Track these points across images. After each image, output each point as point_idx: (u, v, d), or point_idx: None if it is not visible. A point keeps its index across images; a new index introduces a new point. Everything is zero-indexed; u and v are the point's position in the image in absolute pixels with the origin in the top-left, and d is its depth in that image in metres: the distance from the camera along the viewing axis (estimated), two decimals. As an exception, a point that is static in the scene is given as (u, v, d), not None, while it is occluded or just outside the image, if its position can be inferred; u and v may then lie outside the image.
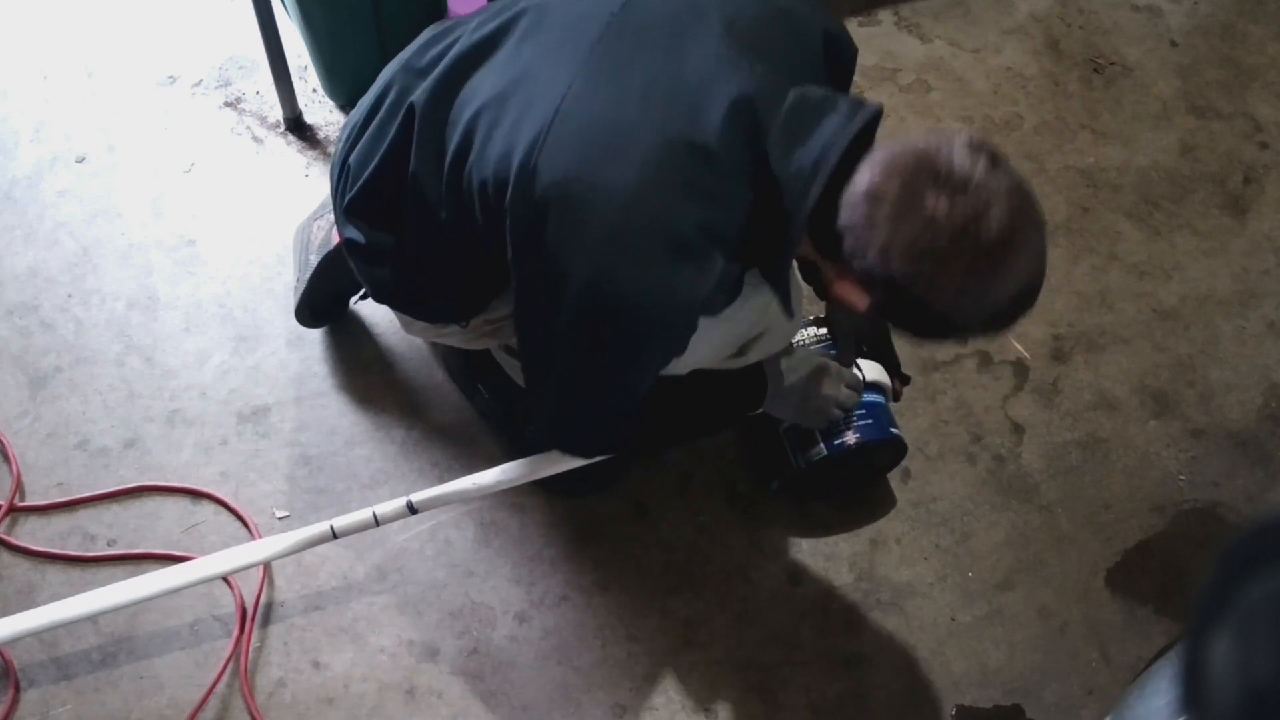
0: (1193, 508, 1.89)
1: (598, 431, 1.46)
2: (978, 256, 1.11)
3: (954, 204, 1.10)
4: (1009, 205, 1.12)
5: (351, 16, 1.89)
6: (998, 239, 1.11)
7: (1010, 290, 1.15)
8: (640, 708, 1.66)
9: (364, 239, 1.51)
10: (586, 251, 1.23)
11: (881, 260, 1.13)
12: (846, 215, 1.16)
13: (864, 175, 1.15)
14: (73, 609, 1.56)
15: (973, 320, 1.19)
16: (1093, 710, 1.71)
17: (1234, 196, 2.25)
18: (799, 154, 1.21)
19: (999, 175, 1.13)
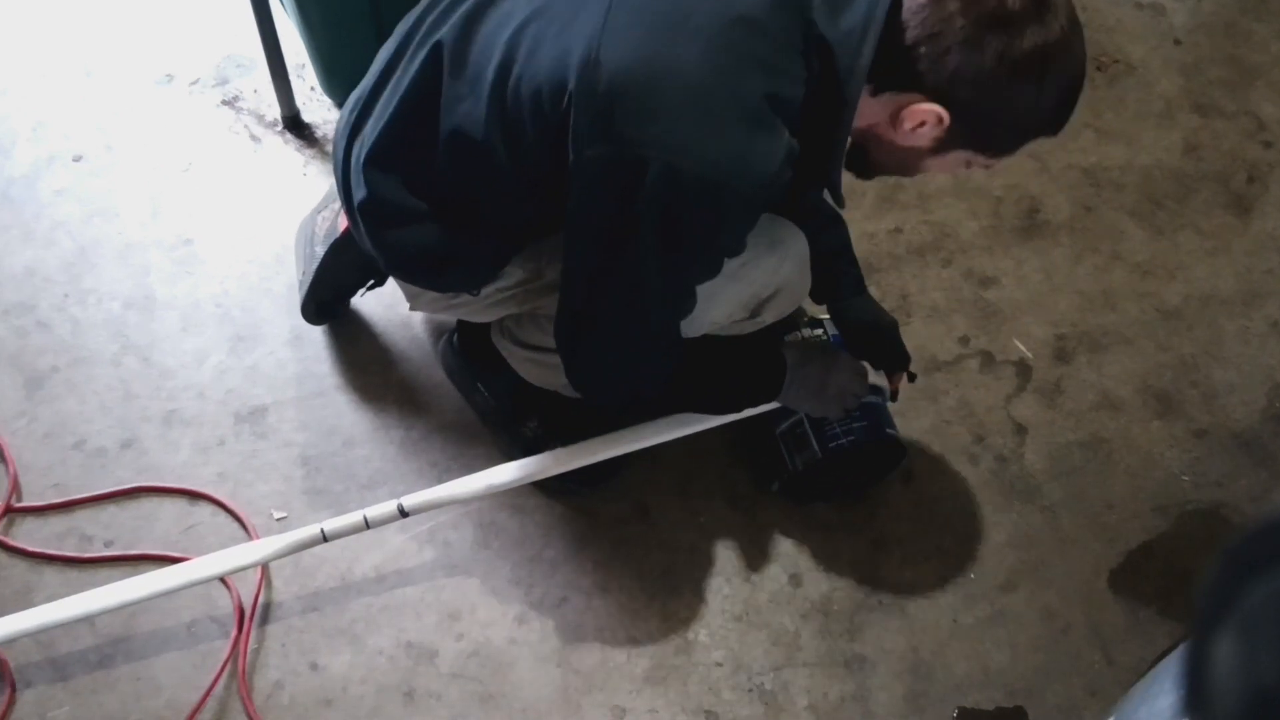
0: (1196, 508, 1.89)
1: (639, 362, 1.44)
2: (1063, 29, 1.20)
3: None
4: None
5: (349, 14, 1.89)
6: (1067, 15, 1.20)
7: (1078, 72, 1.25)
8: (640, 710, 1.65)
9: (384, 194, 1.46)
10: (662, 133, 1.23)
11: (965, 50, 1.20)
12: (915, 30, 1.22)
13: None
14: (65, 610, 1.56)
15: (1051, 105, 1.26)
16: (1095, 711, 1.70)
17: (1237, 195, 2.24)
18: (846, 15, 1.24)
19: None
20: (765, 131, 1.25)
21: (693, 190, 1.25)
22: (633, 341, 1.40)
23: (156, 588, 1.57)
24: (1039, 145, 2.20)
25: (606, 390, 1.49)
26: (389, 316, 1.94)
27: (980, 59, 1.20)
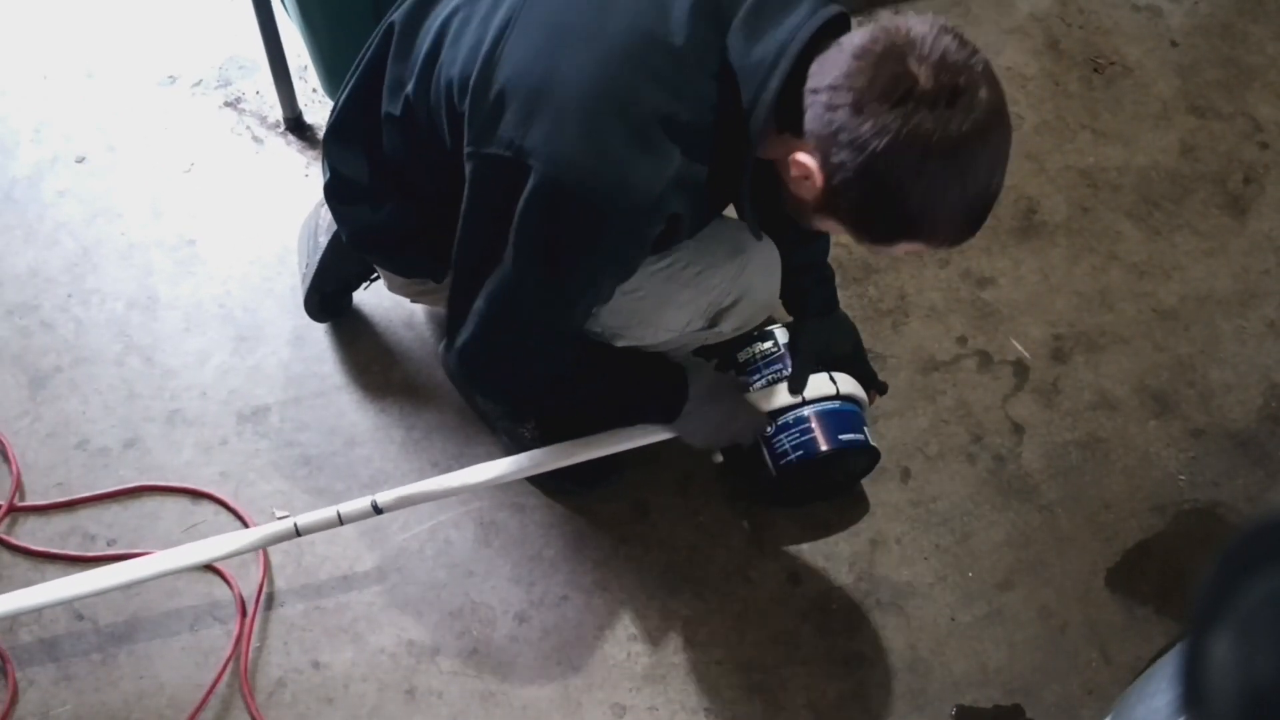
0: (1193, 508, 1.89)
1: (507, 365, 1.42)
2: (948, 130, 1.09)
3: (938, 75, 1.09)
4: (989, 94, 1.11)
5: (351, 16, 1.89)
6: (974, 120, 1.10)
7: (971, 182, 1.14)
8: (640, 708, 1.66)
9: (344, 171, 1.49)
10: (543, 141, 1.21)
11: (850, 115, 1.12)
12: (821, 76, 1.15)
13: (851, 39, 1.15)
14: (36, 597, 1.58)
15: (926, 206, 1.15)
16: (1093, 710, 1.71)
17: (1234, 196, 2.24)
18: (760, 46, 1.20)
19: (983, 65, 1.12)
20: (652, 155, 1.22)
21: (568, 204, 1.23)
22: (505, 342, 1.38)
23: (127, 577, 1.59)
24: (1036, 145, 2.25)
25: (481, 384, 1.48)
26: (391, 316, 1.95)
27: (863, 126, 1.11)
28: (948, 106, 1.09)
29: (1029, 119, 2.31)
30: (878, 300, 2.03)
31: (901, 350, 1.99)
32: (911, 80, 1.09)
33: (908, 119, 1.09)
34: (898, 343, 2.00)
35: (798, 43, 1.18)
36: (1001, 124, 1.14)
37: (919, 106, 1.09)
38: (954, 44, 1.11)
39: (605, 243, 1.28)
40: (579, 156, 1.21)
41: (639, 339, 1.51)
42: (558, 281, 1.31)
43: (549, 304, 1.33)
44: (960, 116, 1.09)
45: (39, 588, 1.59)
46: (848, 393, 1.68)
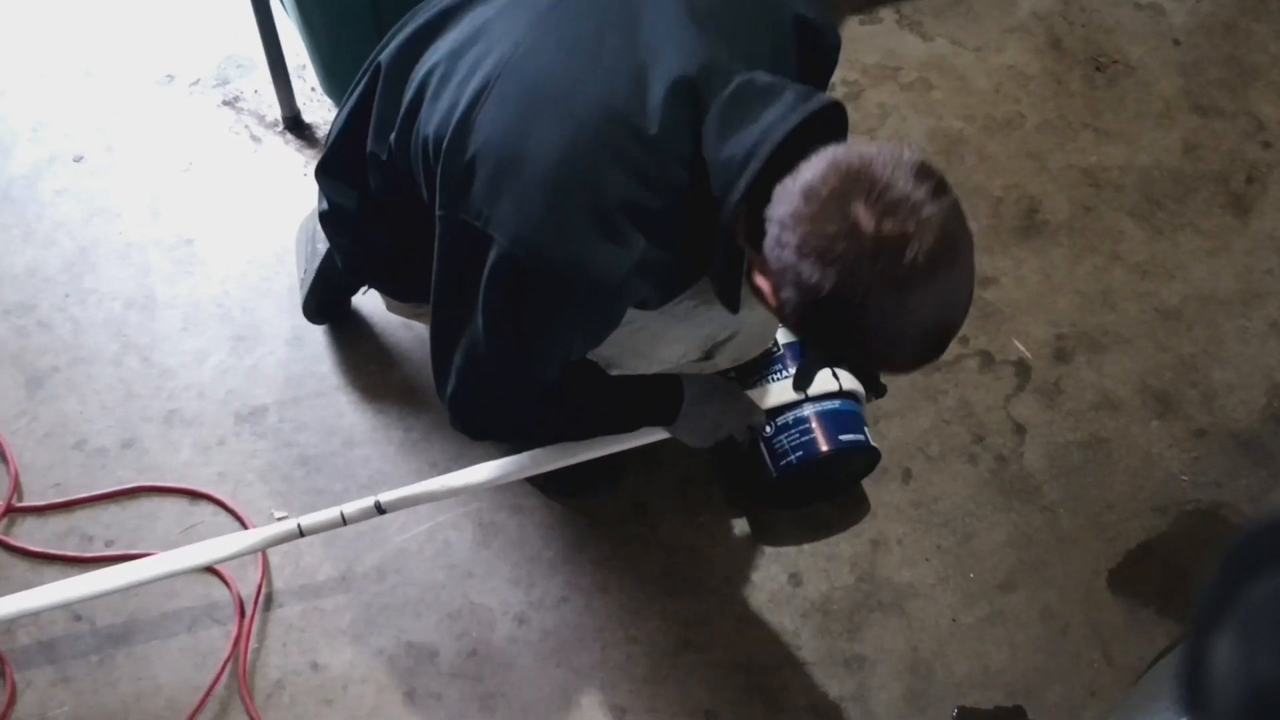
0: (1195, 508, 1.89)
1: (496, 412, 1.42)
2: (887, 279, 1.05)
3: (881, 220, 1.04)
4: (935, 237, 1.05)
5: (350, 15, 1.88)
6: (911, 268, 1.05)
7: (916, 324, 1.10)
8: (640, 709, 1.66)
9: (338, 200, 1.50)
10: (509, 211, 1.20)
11: (795, 256, 1.08)
12: (774, 207, 1.11)
13: (804, 171, 1.10)
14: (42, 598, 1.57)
15: (874, 345, 1.13)
16: (1095, 711, 1.70)
17: (1237, 196, 2.24)
18: (732, 143, 1.16)
19: (937, 206, 1.06)
20: (613, 242, 1.20)
21: (529, 281, 1.22)
22: (488, 394, 1.38)
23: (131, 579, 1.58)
24: (1038, 144, 2.24)
25: (477, 431, 1.48)
26: (389, 317, 1.94)
27: (805, 273, 1.08)
28: (889, 259, 1.05)
29: (1031, 118, 2.30)
30: (879, 300, 2.03)
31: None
32: (854, 229, 1.05)
33: (849, 271, 1.05)
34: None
35: (769, 143, 1.14)
36: (951, 269, 1.08)
37: (860, 257, 1.05)
38: (909, 182, 1.06)
39: (567, 320, 1.28)
40: (541, 238, 1.20)
41: (633, 369, 1.52)
42: (523, 349, 1.30)
43: (518, 366, 1.33)
44: (904, 266, 1.05)
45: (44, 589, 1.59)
46: (850, 389, 1.68)
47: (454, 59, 1.28)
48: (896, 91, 2.31)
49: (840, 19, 2.40)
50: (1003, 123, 2.29)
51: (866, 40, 2.38)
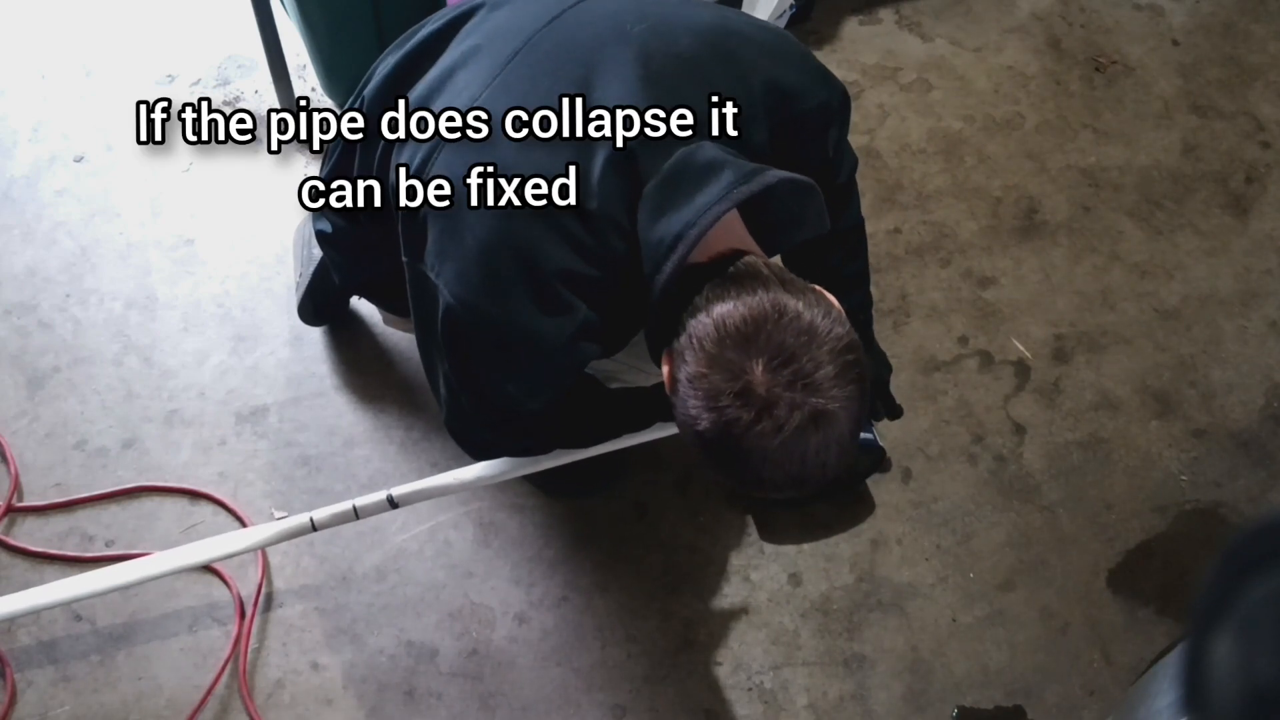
0: (1194, 508, 1.89)
1: (492, 436, 1.44)
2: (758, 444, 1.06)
3: (771, 386, 1.05)
4: (812, 423, 1.05)
5: (350, 15, 1.89)
6: (783, 443, 1.06)
7: (767, 478, 1.10)
8: (640, 709, 1.66)
9: (329, 228, 1.52)
10: (453, 275, 1.21)
11: (687, 383, 1.09)
12: (691, 320, 1.11)
13: (726, 302, 1.09)
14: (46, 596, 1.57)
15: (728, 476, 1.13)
16: (1094, 711, 1.70)
17: (1236, 196, 2.24)
18: (662, 224, 1.14)
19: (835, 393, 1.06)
20: (553, 310, 1.20)
21: (476, 340, 1.24)
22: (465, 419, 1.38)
23: (145, 573, 1.58)
24: (1038, 144, 2.25)
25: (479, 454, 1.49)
26: (389, 316, 1.95)
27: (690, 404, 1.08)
28: (763, 431, 1.05)
29: (1030, 118, 2.30)
30: (879, 300, 2.03)
31: (903, 350, 1.99)
32: (743, 391, 1.05)
33: (726, 424, 1.06)
34: (899, 343, 1.99)
35: (698, 228, 1.12)
36: (818, 450, 1.07)
37: (737, 420, 1.05)
38: (823, 361, 1.06)
39: (519, 372, 1.28)
40: (483, 305, 1.20)
41: (631, 382, 1.52)
42: (486, 391, 1.31)
43: (488, 404, 1.33)
44: (778, 437, 1.05)
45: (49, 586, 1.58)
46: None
47: (426, 99, 1.29)
48: (896, 92, 2.31)
49: (840, 19, 2.40)
50: (1002, 123, 2.29)
51: (866, 41, 2.38)
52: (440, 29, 1.36)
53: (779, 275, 1.13)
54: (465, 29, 1.34)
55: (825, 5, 2.39)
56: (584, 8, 1.27)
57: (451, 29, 1.35)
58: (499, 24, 1.30)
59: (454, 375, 1.31)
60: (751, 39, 1.29)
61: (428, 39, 1.36)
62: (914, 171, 2.20)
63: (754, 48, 1.28)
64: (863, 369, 1.09)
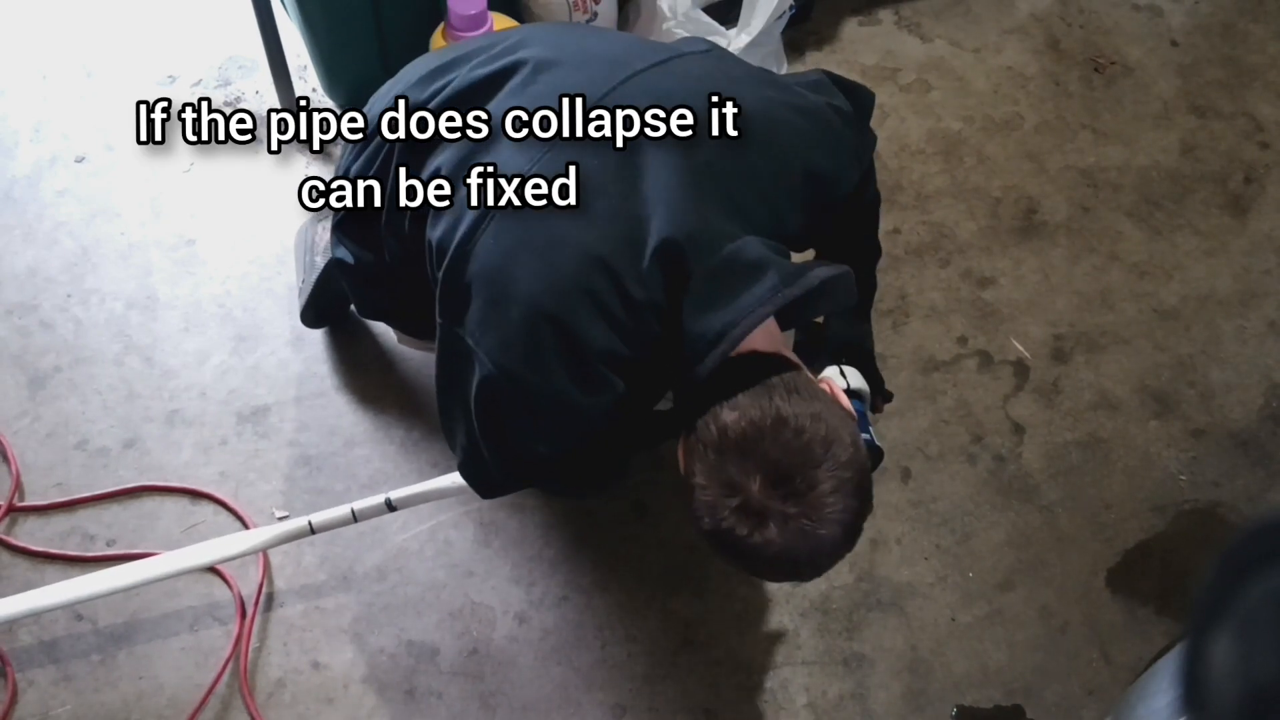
0: (1193, 508, 1.89)
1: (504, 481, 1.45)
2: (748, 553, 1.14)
3: (766, 499, 1.12)
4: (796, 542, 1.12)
5: (351, 16, 1.89)
6: (774, 557, 1.13)
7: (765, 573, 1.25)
8: (640, 708, 1.66)
9: (351, 259, 1.52)
10: (494, 348, 1.23)
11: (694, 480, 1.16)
12: (705, 421, 1.16)
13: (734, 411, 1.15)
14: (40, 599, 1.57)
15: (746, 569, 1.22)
16: (1093, 711, 1.71)
17: (1235, 196, 2.24)
18: (710, 317, 1.18)
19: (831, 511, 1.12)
20: (592, 388, 1.23)
21: (512, 407, 1.26)
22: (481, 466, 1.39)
23: (142, 576, 1.58)
24: (1037, 145, 2.25)
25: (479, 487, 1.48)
26: (390, 317, 1.95)
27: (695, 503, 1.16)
28: (760, 531, 1.12)
29: (1029, 119, 2.30)
30: (878, 300, 2.02)
31: (902, 350, 1.99)
32: (739, 499, 1.12)
33: (718, 528, 1.14)
34: (898, 343, 2.00)
35: (742, 329, 1.16)
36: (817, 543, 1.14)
37: (734, 527, 1.13)
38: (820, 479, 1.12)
39: (554, 436, 1.30)
40: (526, 375, 1.23)
41: None
42: (512, 452, 1.33)
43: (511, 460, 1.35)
44: (769, 541, 1.12)
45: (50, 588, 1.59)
46: (857, 387, 1.68)
47: (459, 169, 1.29)
48: (895, 93, 2.31)
49: (840, 20, 2.40)
50: (1001, 124, 2.29)
51: (865, 41, 2.38)
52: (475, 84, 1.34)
53: (789, 385, 1.17)
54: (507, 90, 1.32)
55: (825, 5, 2.40)
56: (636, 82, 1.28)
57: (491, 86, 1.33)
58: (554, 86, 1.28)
59: (481, 435, 1.32)
60: (791, 124, 1.31)
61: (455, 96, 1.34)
62: (913, 172, 2.20)
63: (793, 133, 1.31)
64: (863, 482, 1.16)
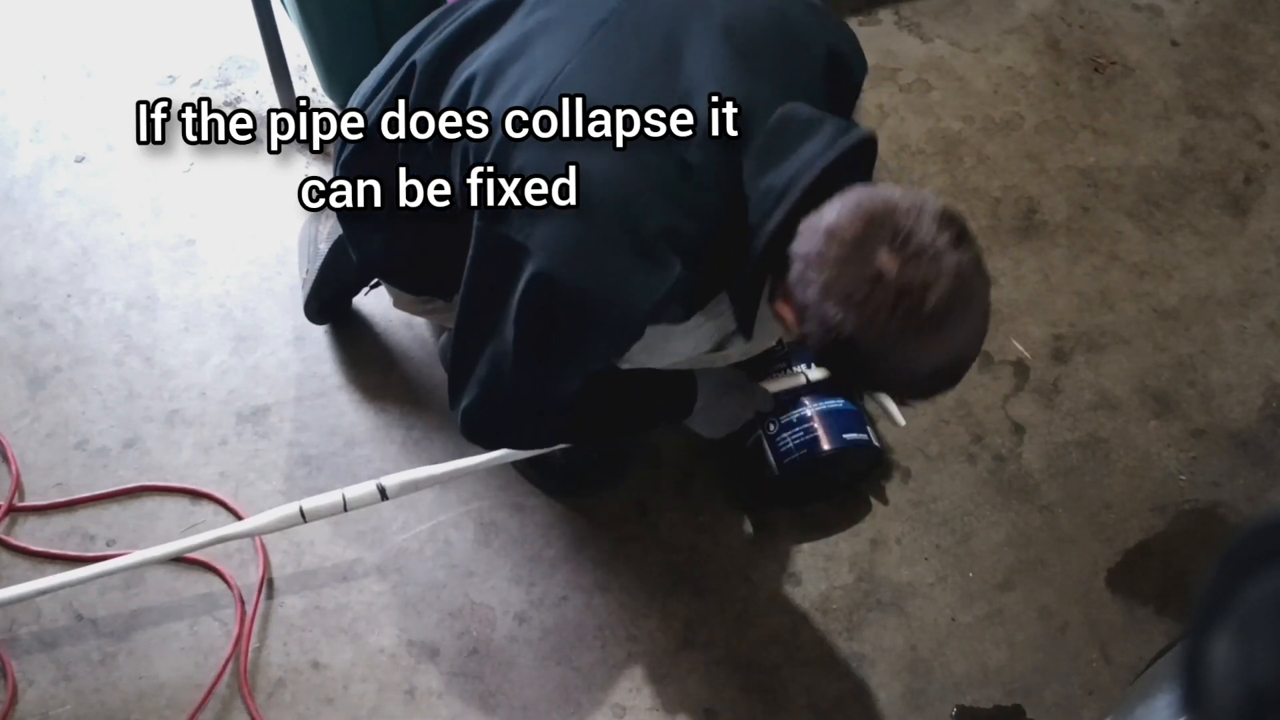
0: (1193, 508, 1.89)
1: (512, 423, 1.43)
2: (907, 325, 1.10)
3: (903, 268, 1.08)
4: (954, 285, 1.10)
5: (351, 16, 1.89)
6: (931, 315, 1.09)
7: (928, 366, 1.14)
8: (640, 708, 1.66)
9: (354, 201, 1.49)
10: (548, 235, 1.21)
11: (819, 297, 1.12)
12: (800, 243, 1.14)
13: (830, 212, 1.13)
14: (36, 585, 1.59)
15: (888, 380, 1.19)
16: (1093, 710, 1.71)
17: (1235, 196, 2.24)
18: (771, 175, 1.19)
19: (958, 254, 1.11)
20: (652, 265, 1.22)
21: (562, 302, 1.23)
22: (507, 407, 1.38)
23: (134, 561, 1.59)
24: (1037, 145, 2.25)
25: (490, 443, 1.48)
26: (390, 316, 1.95)
27: (828, 312, 1.12)
28: (909, 306, 1.09)
29: (1029, 119, 2.30)
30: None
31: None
32: (876, 277, 1.09)
33: (869, 316, 1.10)
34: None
35: (808, 176, 1.17)
36: (966, 316, 1.13)
37: (880, 305, 1.09)
38: (931, 230, 1.10)
39: (595, 339, 1.29)
40: (579, 262, 1.21)
41: (643, 363, 1.51)
42: (549, 365, 1.32)
43: (542, 380, 1.34)
44: (921, 313, 1.09)
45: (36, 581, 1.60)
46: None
47: (495, 71, 1.29)
48: (895, 93, 2.31)
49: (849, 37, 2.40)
50: (1001, 124, 2.29)
51: (865, 41, 2.34)
52: (492, 5, 1.35)
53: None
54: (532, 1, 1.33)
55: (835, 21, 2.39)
56: None
57: (504, 8, 1.34)
58: None
59: (516, 348, 1.29)
60: (808, 8, 1.35)
61: (485, 10, 1.35)
62: (913, 172, 2.20)
63: (812, 16, 1.34)
64: (968, 232, 1.13)
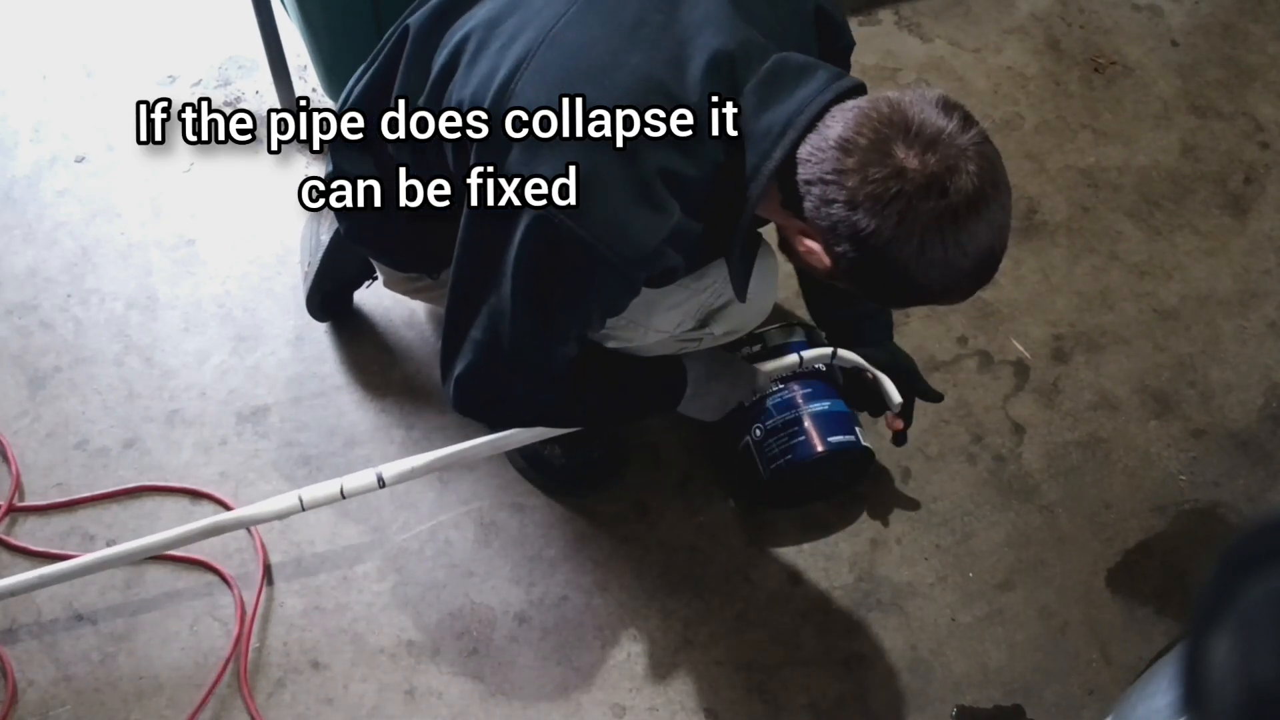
0: (1193, 508, 1.89)
1: (504, 395, 1.42)
2: (944, 212, 1.10)
3: (925, 157, 1.10)
4: (979, 165, 1.11)
5: (351, 16, 1.89)
6: (966, 197, 1.10)
7: (972, 252, 1.14)
8: (640, 708, 1.66)
9: (344, 168, 1.49)
10: (550, 174, 1.20)
11: (846, 210, 1.12)
12: (809, 169, 1.15)
13: (833, 128, 1.14)
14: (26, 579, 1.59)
15: (934, 280, 1.16)
16: (1094, 710, 1.71)
17: (1235, 196, 2.24)
18: (770, 113, 1.19)
19: (970, 135, 1.12)
20: (651, 207, 1.22)
21: (562, 248, 1.22)
22: (501, 373, 1.37)
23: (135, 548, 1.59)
24: (1037, 145, 2.25)
25: (481, 414, 1.47)
26: (391, 316, 1.95)
27: (860, 222, 1.12)
28: (940, 192, 1.10)
29: (1029, 119, 2.30)
30: (878, 300, 2.03)
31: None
32: (900, 173, 1.10)
33: (903, 212, 1.10)
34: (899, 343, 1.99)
35: (806, 115, 1.18)
36: (996, 192, 1.14)
37: (912, 198, 1.10)
38: (939, 116, 1.12)
39: (596, 289, 1.28)
40: (580, 204, 1.20)
41: (628, 340, 1.51)
42: (547, 319, 1.31)
43: (539, 339, 1.33)
44: (954, 197, 1.10)
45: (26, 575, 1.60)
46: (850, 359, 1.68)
47: (490, 28, 1.29)
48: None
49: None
50: (1001, 124, 2.29)
51: (865, 41, 2.38)
52: None
53: None
54: None
55: None
56: None
57: None
58: None
59: (514, 302, 1.27)
60: None
61: None
62: (913, 172, 2.20)
63: None
64: (971, 114, 1.15)
